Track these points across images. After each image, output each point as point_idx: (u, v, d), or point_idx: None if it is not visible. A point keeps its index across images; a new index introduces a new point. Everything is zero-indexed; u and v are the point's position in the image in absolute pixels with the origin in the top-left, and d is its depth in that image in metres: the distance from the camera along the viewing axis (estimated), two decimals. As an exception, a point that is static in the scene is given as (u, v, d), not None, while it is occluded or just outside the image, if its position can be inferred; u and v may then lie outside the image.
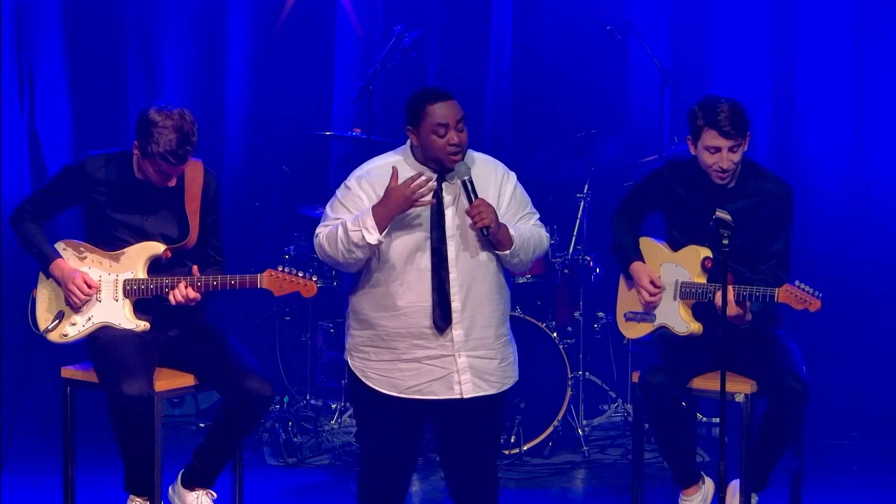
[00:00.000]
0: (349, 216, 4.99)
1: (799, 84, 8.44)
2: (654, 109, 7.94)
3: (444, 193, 4.99)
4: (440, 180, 5.00)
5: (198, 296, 5.32)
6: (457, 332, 4.99)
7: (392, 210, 4.91)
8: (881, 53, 8.36)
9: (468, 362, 5.01)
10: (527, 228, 5.10)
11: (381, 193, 4.95)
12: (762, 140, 8.41)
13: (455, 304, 4.97)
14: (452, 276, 4.97)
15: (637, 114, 8.47)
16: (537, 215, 5.20)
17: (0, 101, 8.30)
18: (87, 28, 8.48)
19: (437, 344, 4.99)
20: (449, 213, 4.99)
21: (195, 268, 5.35)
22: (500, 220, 4.99)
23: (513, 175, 5.14)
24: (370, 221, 4.90)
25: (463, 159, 4.98)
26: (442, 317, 4.96)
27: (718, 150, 5.41)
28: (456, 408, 5.05)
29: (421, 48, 7.92)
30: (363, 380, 5.08)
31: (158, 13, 8.53)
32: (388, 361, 5.03)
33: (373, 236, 4.91)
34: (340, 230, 4.96)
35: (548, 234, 5.25)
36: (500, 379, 5.09)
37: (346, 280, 5.20)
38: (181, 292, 5.29)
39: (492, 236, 4.95)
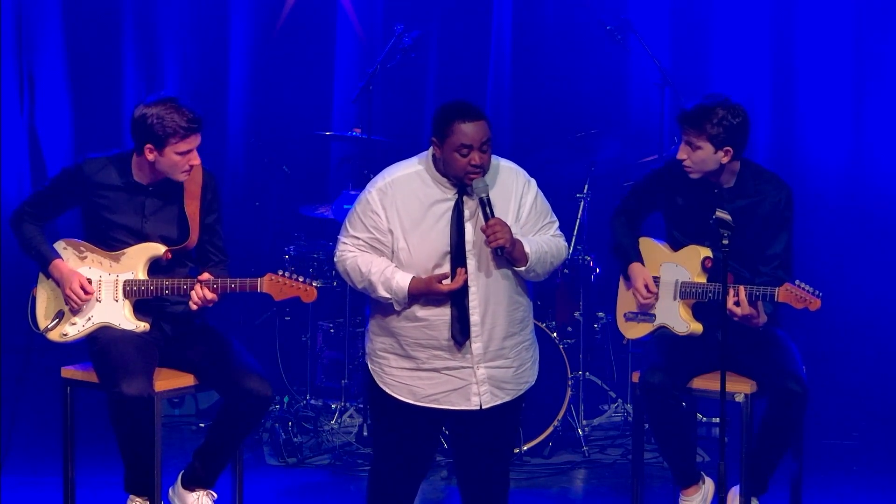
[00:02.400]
0: (368, 235, 4.98)
1: (799, 84, 8.43)
2: (654, 109, 7.93)
3: (464, 207, 4.98)
4: (461, 193, 4.98)
5: (215, 297, 5.30)
6: (476, 344, 4.98)
7: (427, 294, 4.94)
8: (881, 53, 8.35)
9: (487, 373, 5.01)
10: (544, 241, 5.07)
11: (401, 210, 4.95)
12: (762, 140, 8.39)
13: (474, 318, 4.96)
14: (472, 290, 4.96)
15: (637, 114, 8.46)
16: (557, 223, 5.17)
17: (0, 101, 8.30)
18: (87, 28, 8.47)
19: (457, 356, 4.99)
20: (469, 228, 4.97)
21: (206, 274, 5.34)
22: (519, 232, 4.99)
23: (534, 183, 5.11)
24: (403, 297, 4.93)
25: (484, 176, 4.96)
26: (461, 331, 4.96)
27: (681, 142, 5.44)
28: (472, 416, 5.05)
29: (421, 48, 7.91)
30: (381, 385, 5.08)
31: (158, 13, 8.52)
32: (407, 370, 5.03)
33: (400, 306, 4.96)
34: (368, 283, 4.98)
35: (566, 244, 5.23)
36: (515, 385, 5.09)
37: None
38: (198, 294, 5.29)
39: (507, 254, 4.93)
